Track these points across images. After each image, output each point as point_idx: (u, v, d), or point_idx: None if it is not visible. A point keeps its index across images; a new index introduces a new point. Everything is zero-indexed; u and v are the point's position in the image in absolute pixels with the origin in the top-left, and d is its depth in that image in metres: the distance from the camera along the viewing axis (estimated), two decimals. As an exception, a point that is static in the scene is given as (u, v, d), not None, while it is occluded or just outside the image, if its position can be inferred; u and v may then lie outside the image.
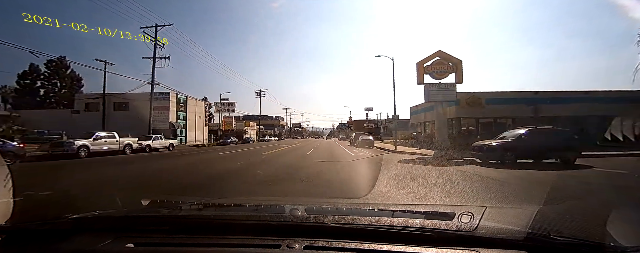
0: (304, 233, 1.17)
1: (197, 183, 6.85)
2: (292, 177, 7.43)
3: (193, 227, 1.29)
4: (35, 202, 4.38)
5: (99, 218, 1.48)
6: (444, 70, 19.86)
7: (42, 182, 7.02)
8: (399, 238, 1.09)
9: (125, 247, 1.13)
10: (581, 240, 1.05)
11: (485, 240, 1.06)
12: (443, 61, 19.90)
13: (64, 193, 5.38)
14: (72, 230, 1.27)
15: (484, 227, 1.12)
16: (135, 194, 4.99)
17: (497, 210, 1.61)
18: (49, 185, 6.28)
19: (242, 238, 1.15)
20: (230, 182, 7.04)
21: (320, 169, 9.20)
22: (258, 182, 6.99)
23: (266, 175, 8.08)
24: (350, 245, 1.07)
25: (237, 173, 8.42)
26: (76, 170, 10.59)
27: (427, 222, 1.32)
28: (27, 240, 1.22)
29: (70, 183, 7.28)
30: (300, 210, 1.47)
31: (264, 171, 8.98)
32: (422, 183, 6.60)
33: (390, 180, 6.91)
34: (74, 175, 9.09)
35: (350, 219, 1.28)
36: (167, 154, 19.02)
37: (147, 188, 6.50)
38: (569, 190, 5.84)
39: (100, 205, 3.64)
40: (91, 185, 6.91)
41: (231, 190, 6.07)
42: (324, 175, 7.76)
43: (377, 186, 5.76)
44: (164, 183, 7.21)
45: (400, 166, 10.17)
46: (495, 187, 6.02)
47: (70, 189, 6.00)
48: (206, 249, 1.13)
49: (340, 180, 7.04)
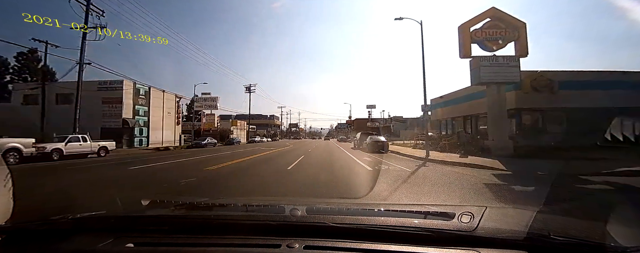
0: (304, 233, 1.16)
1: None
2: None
3: (193, 227, 1.28)
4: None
5: (99, 218, 1.48)
6: (500, 37, 13.36)
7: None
8: (399, 238, 1.08)
9: (125, 247, 1.13)
10: (581, 240, 1.04)
11: (485, 240, 1.06)
12: (498, 24, 13.39)
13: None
14: (72, 230, 1.26)
15: (484, 227, 1.12)
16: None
17: (497, 210, 1.59)
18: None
19: (242, 238, 1.15)
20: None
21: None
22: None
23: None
24: (350, 245, 1.07)
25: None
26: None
27: (427, 222, 1.32)
28: (27, 240, 1.21)
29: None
30: (300, 210, 1.47)
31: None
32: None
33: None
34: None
35: (350, 219, 1.28)
36: (54, 166, 12.10)
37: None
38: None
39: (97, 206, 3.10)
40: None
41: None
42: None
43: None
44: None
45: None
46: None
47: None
48: (206, 249, 1.12)
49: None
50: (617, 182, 6.67)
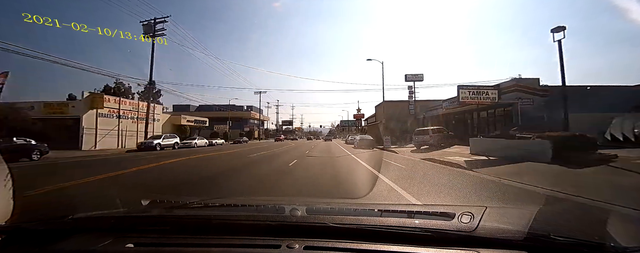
0: (304, 233, 1.16)
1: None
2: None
3: (193, 227, 1.29)
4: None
5: (99, 218, 1.48)
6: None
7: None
8: (399, 239, 1.09)
9: (125, 247, 1.13)
10: (581, 240, 1.04)
11: (485, 240, 1.06)
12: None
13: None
14: (72, 230, 1.27)
15: (484, 227, 1.12)
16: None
17: (497, 210, 1.57)
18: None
19: (242, 238, 1.15)
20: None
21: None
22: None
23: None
24: (350, 245, 1.07)
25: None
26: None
27: (427, 222, 1.31)
28: (27, 240, 1.22)
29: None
30: (300, 210, 1.48)
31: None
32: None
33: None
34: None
35: (350, 219, 1.28)
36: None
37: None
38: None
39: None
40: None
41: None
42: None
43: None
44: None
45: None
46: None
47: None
48: (206, 249, 1.12)
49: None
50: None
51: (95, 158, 15.48)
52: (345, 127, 74.36)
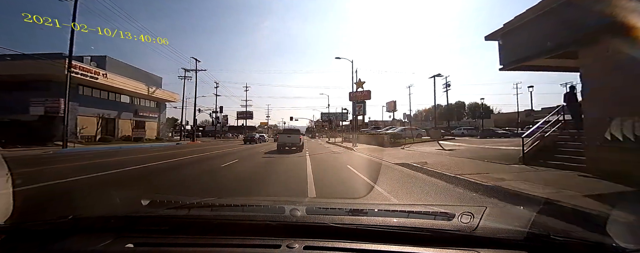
0: (304, 233, 1.16)
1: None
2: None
3: (193, 227, 1.28)
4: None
5: (99, 218, 1.48)
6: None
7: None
8: (399, 238, 1.09)
9: (125, 247, 1.13)
10: (581, 240, 1.04)
11: (485, 240, 1.06)
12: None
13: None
14: (72, 230, 1.27)
15: (484, 227, 1.12)
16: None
17: (497, 210, 1.59)
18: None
19: (242, 238, 1.15)
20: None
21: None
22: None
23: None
24: (350, 245, 1.07)
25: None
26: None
27: (427, 222, 1.31)
28: (27, 240, 1.22)
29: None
30: (300, 210, 1.48)
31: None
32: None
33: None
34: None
35: (351, 219, 1.29)
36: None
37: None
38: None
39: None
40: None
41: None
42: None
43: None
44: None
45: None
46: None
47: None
48: (206, 249, 1.13)
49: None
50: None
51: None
52: (329, 120, 47.37)
